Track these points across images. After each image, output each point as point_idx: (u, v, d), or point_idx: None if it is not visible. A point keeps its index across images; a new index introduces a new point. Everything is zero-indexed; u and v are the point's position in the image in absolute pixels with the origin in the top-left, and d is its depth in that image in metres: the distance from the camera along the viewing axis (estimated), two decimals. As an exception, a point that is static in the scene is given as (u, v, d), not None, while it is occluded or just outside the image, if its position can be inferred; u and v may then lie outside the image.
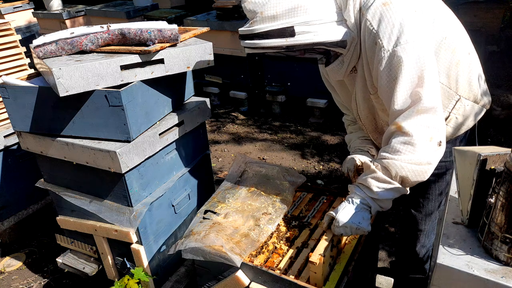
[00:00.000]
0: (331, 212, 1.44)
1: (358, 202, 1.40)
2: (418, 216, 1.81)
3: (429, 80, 1.31)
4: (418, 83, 1.31)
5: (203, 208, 1.76)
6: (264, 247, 1.56)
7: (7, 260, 2.72)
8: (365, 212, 1.40)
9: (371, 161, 1.43)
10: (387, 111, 1.43)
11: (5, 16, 5.39)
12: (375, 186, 1.38)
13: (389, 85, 1.34)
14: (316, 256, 1.33)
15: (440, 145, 1.35)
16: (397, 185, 1.37)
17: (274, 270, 1.44)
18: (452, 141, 1.63)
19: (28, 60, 2.75)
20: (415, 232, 1.85)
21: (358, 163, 1.63)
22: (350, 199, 1.43)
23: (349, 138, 1.84)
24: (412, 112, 1.32)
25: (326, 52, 1.47)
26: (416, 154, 1.33)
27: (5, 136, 2.53)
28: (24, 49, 2.72)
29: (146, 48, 1.75)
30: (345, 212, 1.40)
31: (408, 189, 1.41)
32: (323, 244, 1.38)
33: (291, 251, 1.53)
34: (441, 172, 1.69)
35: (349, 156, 1.69)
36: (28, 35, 5.69)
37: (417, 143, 1.32)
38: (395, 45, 1.29)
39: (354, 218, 1.39)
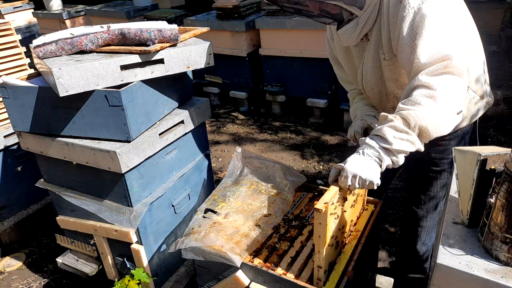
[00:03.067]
0: (340, 164, 1.35)
1: (370, 154, 1.30)
2: (419, 213, 1.80)
3: (457, 42, 1.29)
4: (447, 41, 1.28)
5: (203, 206, 1.75)
6: (264, 247, 1.56)
7: (7, 260, 2.72)
8: (375, 164, 1.30)
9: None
10: (399, 81, 1.42)
11: (5, 16, 5.39)
12: (391, 135, 1.28)
13: (412, 42, 1.30)
14: (321, 204, 1.26)
15: (458, 113, 1.31)
16: (414, 136, 1.28)
17: (274, 270, 1.44)
18: (453, 136, 1.62)
19: (28, 60, 2.75)
20: (415, 228, 1.84)
21: (365, 125, 1.56)
22: (360, 151, 1.32)
23: (355, 107, 1.76)
24: (439, 68, 1.27)
25: (339, 15, 1.44)
26: (437, 108, 1.27)
27: (5, 136, 2.53)
28: (24, 49, 2.72)
29: (146, 48, 1.75)
30: (353, 162, 1.30)
31: (423, 146, 1.32)
32: (329, 193, 1.31)
33: (291, 251, 1.53)
34: (442, 169, 1.69)
35: (355, 120, 1.64)
36: (28, 35, 5.68)
37: (439, 98, 1.26)
38: (421, 2, 1.28)
39: (363, 169, 1.29)
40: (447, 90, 1.27)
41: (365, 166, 1.29)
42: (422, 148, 1.32)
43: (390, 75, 1.48)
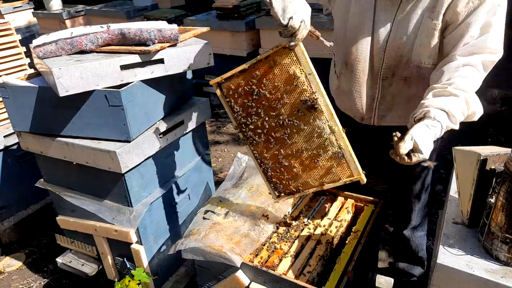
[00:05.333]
0: (411, 138, 1.19)
1: (438, 132, 1.24)
2: (410, 197, 1.84)
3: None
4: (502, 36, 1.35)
5: (203, 208, 1.76)
6: (264, 247, 1.56)
7: (7, 260, 2.71)
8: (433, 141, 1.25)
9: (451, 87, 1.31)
10: (431, 50, 1.42)
11: (5, 16, 5.38)
12: (459, 119, 1.29)
13: (483, 22, 1.33)
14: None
15: None
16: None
17: (274, 270, 1.44)
18: None
19: (28, 60, 2.75)
20: (409, 215, 1.88)
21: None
22: (429, 125, 1.24)
23: None
24: (493, 59, 1.35)
25: None
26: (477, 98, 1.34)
27: (5, 136, 2.53)
28: (24, 49, 2.72)
29: (146, 48, 1.75)
30: (426, 141, 1.21)
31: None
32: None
33: (291, 251, 1.53)
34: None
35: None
36: (28, 35, 5.67)
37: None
38: None
39: (428, 147, 1.22)
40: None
41: (430, 143, 1.23)
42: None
43: (427, 41, 1.44)
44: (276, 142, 1.49)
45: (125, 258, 2.05)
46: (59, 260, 2.30)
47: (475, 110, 1.32)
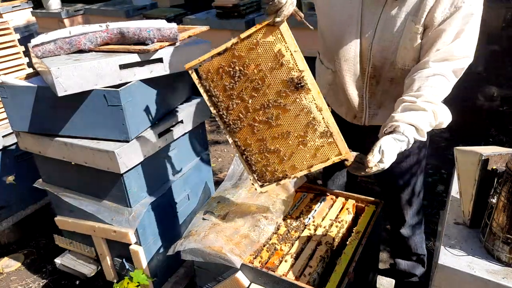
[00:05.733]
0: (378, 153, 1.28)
1: (404, 146, 1.31)
2: (403, 197, 1.85)
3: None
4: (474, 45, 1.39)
5: (203, 208, 1.75)
6: (264, 248, 1.55)
7: (6, 261, 2.71)
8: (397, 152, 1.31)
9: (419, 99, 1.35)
10: (413, 53, 1.44)
11: (3, 15, 5.36)
12: (426, 130, 1.34)
13: (454, 30, 1.37)
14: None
15: None
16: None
17: (274, 271, 1.43)
18: None
19: (26, 60, 2.73)
20: (401, 213, 1.89)
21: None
22: (397, 139, 1.30)
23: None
24: (463, 66, 1.38)
25: None
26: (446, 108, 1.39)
27: (3, 136, 2.52)
28: (22, 48, 2.71)
29: (145, 47, 1.74)
30: (391, 154, 1.28)
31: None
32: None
33: (291, 252, 1.52)
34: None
35: None
36: (26, 34, 5.65)
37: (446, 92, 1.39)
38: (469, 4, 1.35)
39: (391, 158, 1.29)
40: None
41: (394, 155, 1.30)
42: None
43: (410, 44, 1.46)
44: (260, 126, 1.43)
45: (124, 259, 2.04)
46: (57, 261, 2.29)
47: (443, 120, 1.38)
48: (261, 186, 1.52)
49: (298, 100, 1.37)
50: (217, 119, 1.47)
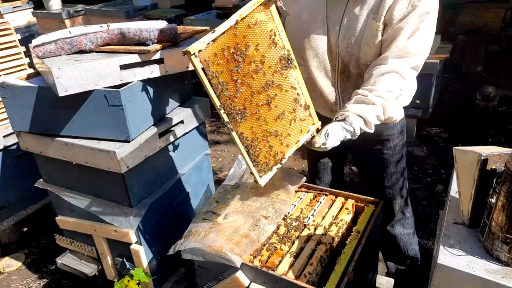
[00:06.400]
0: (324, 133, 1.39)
1: (349, 135, 1.40)
2: (388, 193, 1.91)
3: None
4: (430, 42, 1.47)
5: (203, 208, 1.75)
6: (264, 247, 1.55)
7: (7, 260, 2.71)
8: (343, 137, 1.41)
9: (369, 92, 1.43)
10: (376, 50, 1.50)
11: (4, 15, 5.37)
12: (373, 123, 1.42)
13: (410, 29, 1.43)
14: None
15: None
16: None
17: (274, 271, 1.43)
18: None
19: (27, 60, 2.74)
20: (391, 210, 1.94)
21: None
22: (344, 128, 1.39)
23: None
24: (419, 63, 1.46)
25: None
26: (403, 101, 1.56)
27: (4, 136, 2.53)
28: (23, 48, 2.72)
29: (145, 48, 1.75)
30: (335, 139, 1.39)
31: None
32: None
33: (291, 251, 1.53)
34: (395, 144, 1.81)
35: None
36: (27, 35, 5.66)
37: (406, 90, 1.52)
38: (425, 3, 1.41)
39: (336, 140, 1.40)
40: (413, 86, 1.59)
41: (337, 140, 1.40)
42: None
43: (372, 41, 1.52)
44: (261, 111, 1.42)
45: (124, 259, 2.05)
46: (58, 260, 2.30)
47: (393, 115, 1.50)
48: (262, 176, 1.51)
49: (288, 77, 1.45)
50: (220, 112, 1.35)
